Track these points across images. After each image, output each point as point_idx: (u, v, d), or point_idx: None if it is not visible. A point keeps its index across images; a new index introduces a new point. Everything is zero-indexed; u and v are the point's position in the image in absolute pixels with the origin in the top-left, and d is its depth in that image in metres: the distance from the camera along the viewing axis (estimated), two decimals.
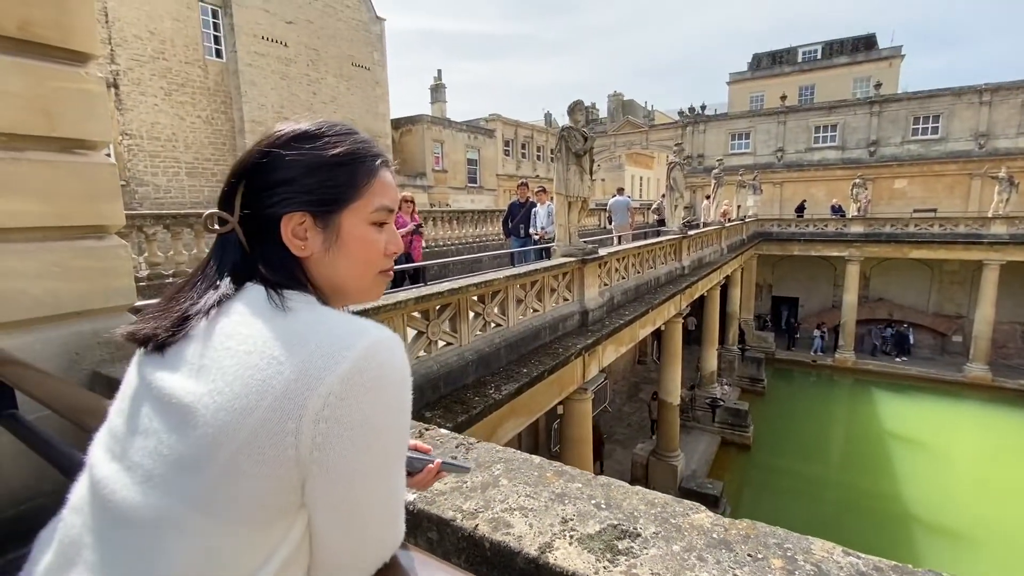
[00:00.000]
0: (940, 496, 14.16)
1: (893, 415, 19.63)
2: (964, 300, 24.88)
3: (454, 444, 1.32)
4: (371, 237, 0.72)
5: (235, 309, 0.66)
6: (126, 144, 15.45)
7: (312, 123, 0.73)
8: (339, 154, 0.70)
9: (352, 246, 0.71)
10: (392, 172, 0.78)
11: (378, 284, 0.76)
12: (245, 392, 0.57)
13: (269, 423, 0.55)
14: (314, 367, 0.56)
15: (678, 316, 12.31)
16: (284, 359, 0.57)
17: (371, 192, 0.72)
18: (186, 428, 0.59)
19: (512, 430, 5.15)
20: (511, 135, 32.56)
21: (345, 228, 0.70)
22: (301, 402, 0.55)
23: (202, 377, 0.61)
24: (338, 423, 0.55)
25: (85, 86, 2.10)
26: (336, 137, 0.72)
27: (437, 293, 4.42)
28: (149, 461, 0.60)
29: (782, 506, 14.53)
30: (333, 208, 0.70)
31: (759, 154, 31.98)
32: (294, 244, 0.69)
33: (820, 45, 41.81)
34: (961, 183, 26.55)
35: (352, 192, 0.70)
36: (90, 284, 2.13)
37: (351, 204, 0.70)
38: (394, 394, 0.59)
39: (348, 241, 0.71)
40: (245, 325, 0.64)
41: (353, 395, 0.56)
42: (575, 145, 6.95)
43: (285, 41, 19.15)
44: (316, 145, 0.71)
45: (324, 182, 0.69)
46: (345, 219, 0.70)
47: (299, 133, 0.71)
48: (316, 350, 0.57)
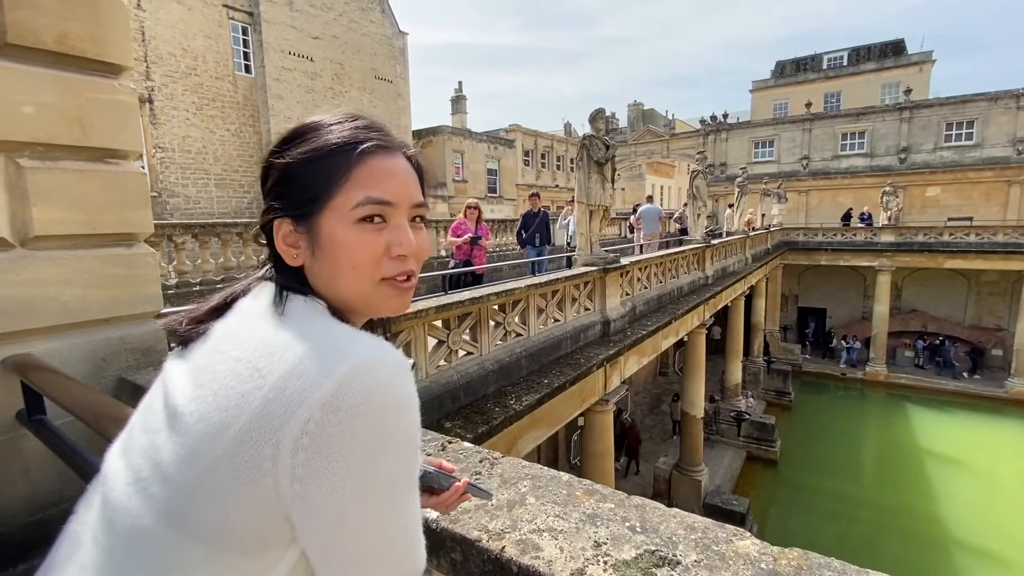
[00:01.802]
0: (983, 518, 13.46)
1: (929, 432, 18.82)
2: (1004, 312, 23.86)
3: (478, 459, 1.27)
4: (355, 238, 0.63)
5: (244, 308, 0.64)
6: (159, 157, 15.98)
7: (302, 122, 0.68)
8: (313, 149, 0.64)
9: (334, 250, 0.63)
10: (397, 156, 0.67)
11: (386, 295, 0.66)
12: (225, 404, 0.53)
13: (245, 444, 0.50)
14: (292, 388, 0.51)
15: (701, 327, 12.06)
16: (266, 373, 0.53)
17: (351, 185, 0.63)
18: (173, 433, 0.56)
19: (532, 442, 5.07)
20: (531, 145, 32.67)
21: (325, 231, 0.63)
22: (278, 426, 0.50)
23: (196, 379, 0.58)
24: (318, 454, 0.49)
25: (118, 97, 2.15)
26: (318, 131, 0.66)
27: (458, 302, 4.39)
28: (140, 460, 0.58)
29: (813, 526, 13.98)
30: (310, 210, 0.63)
31: (783, 162, 31.40)
32: (287, 253, 0.66)
33: (846, 52, 41.01)
34: (999, 190, 25.59)
35: (327, 189, 0.63)
36: (118, 291, 2.16)
37: (328, 203, 0.63)
38: (384, 421, 0.52)
39: (328, 245, 0.63)
40: (244, 327, 0.61)
41: (334, 424, 0.49)
42: (597, 154, 6.89)
43: (311, 56, 19.64)
44: (294, 144, 0.65)
45: (299, 183, 0.64)
46: (324, 221, 0.63)
47: (285, 136, 0.67)
48: (297, 367, 0.52)
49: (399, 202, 0.65)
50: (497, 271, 9.77)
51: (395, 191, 0.65)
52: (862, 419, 21.06)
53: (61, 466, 1.63)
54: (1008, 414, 20.16)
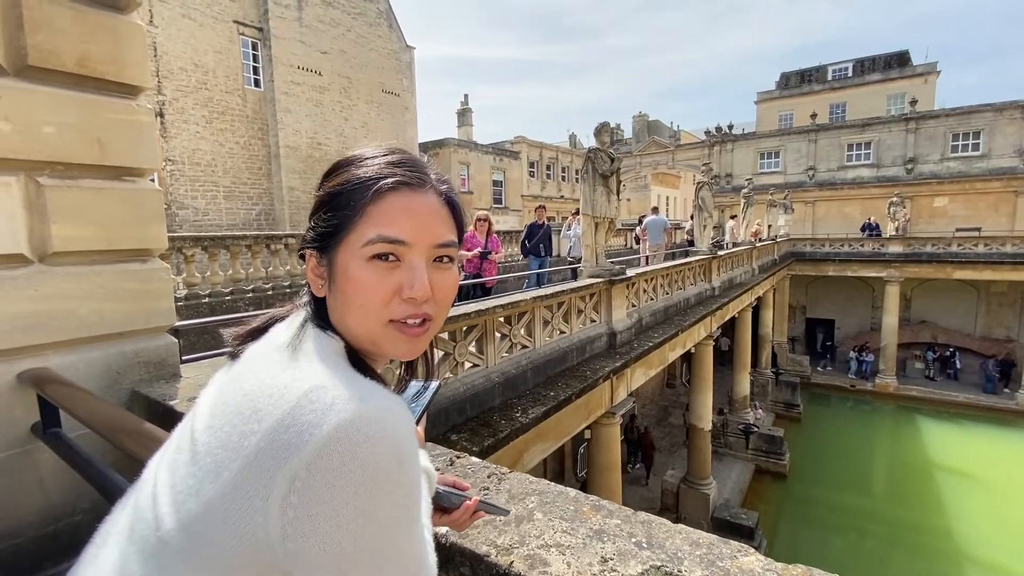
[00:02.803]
0: (994, 532, 13.21)
1: (940, 444, 18.55)
2: (1014, 323, 23.62)
3: (486, 474, 1.28)
4: (366, 277, 0.62)
5: (273, 335, 0.66)
6: (169, 170, 16.22)
7: (344, 155, 0.69)
8: (339, 183, 0.65)
9: (345, 287, 0.63)
10: (423, 194, 0.66)
11: (393, 338, 0.64)
12: (227, 442, 0.53)
13: (239, 491, 0.50)
14: (282, 441, 0.50)
15: (709, 338, 12.01)
16: (263, 416, 0.52)
17: (365, 222, 0.62)
18: (191, 458, 0.56)
19: (539, 455, 5.05)
20: (536, 156, 32.88)
21: (339, 266, 0.63)
22: (267, 479, 0.49)
23: (214, 405, 0.59)
24: (307, 512, 0.48)
25: (136, 117, 2.21)
26: (349, 166, 0.67)
27: (464, 314, 4.42)
28: (165, 475, 0.59)
29: (823, 540, 13.78)
30: (328, 243, 0.65)
31: (789, 173, 31.41)
32: (314, 283, 0.68)
33: (851, 63, 41.14)
34: (1006, 201, 25.45)
35: (344, 223, 0.63)
36: (133, 305, 2.20)
37: (344, 238, 0.63)
38: (375, 477, 0.50)
39: (342, 281, 0.63)
40: (261, 359, 0.61)
41: (320, 484, 0.48)
42: (602, 166, 6.95)
43: (319, 70, 19.95)
44: (330, 177, 0.68)
45: (325, 216, 0.65)
46: (339, 255, 0.64)
47: (328, 168, 0.69)
48: (288, 417, 0.51)
49: (414, 242, 0.63)
50: (503, 282, 9.81)
51: (411, 230, 0.63)
52: (872, 432, 20.79)
53: (75, 478, 1.66)
54: (1020, 426, 19.85)
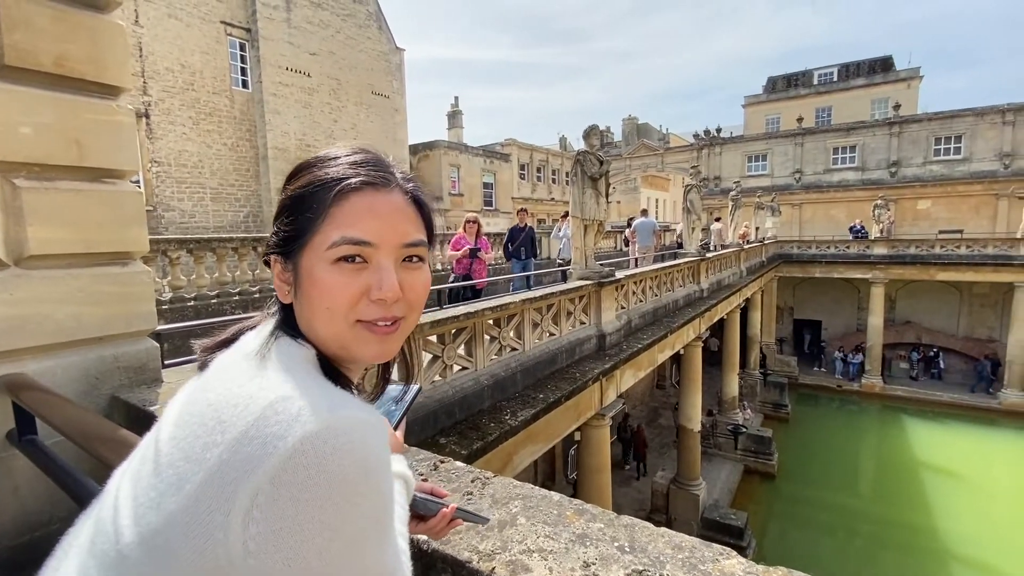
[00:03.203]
0: (980, 530, 13.42)
1: (925, 443, 18.83)
2: (996, 323, 24.06)
3: (469, 478, 1.27)
4: (331, 279, 0.60)
5: (242, 344, 0.64)
6: (155, 171, 16.01)
7: (307, 158, 0.67)
8: (301, 185, 0.64)
9: (311, 291, 0.62)
10: (387, 193, 0.64)
11: (362, 339, 0.63)
12: (190, 454, 0.51)
13: (200, 505, 0.48)
14: (245, 453, 0.48)
15: (697, 340, 12.09)
16: (227, 427, 0.50)
17: (328, 224, 0.61)
18: (154, 470, 0.54)
19: (528, 457, 5.05)
20: (526, 159, 32.94)
21: (303, 269, 0.62)
22: (229, 493, 0.47)
23: (180, 415, 0.56)
24: (270, 528, 0.46)
25: (116, 118, 2.17)
26: (312, 167, 0.65)
27: (452, 317, 4.41)
28: (128, 486, 0.56)
29: (811, 540, 13.91)
30: (292, 247, 0.63)
31: (776, 176, 31.79)
32: (281, 289, 0.66)
33: (836, 68, 41.79)
34: (987, 203, 25.96)
35: (307, 226, 0.62)
36: (112, 309, 2.16)
37: (307, 241, 0.62)
38: (342, 490, 0.48)
39: (307, 285, 0.62)
40: (227, 368, 0.59)
41: (284, 498, 0.46)
42: (591, 169, 6.97)
43: (308, 72, 19.82)
44: (292, 180, 0.66)
45: (287, 220, 0.64)
46: (304, 259, 0.62)
47: (291, 172, 0.67)
48: (253, 429, 0.49)
49: (380, 242, 0.62)
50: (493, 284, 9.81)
51: (376, 230, 0.62)
52: (859, 431, 21.05)
53: (52, 487, 1.62)
54: (1002, 425, 20.22)
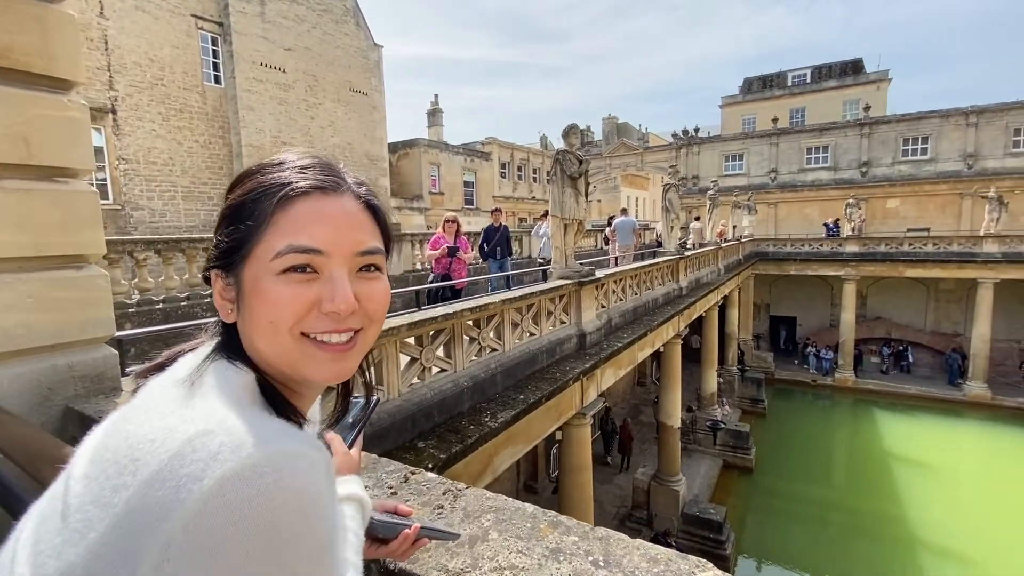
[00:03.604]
0: (947, 518, 13.89)
1: (895, 435, 19.41)
2: (961, 318, 24.92)
3: (441, 491, 1.23)
4: (274, 291, 0.55)
5: (175, 369, 0.58)
6: (122, 169, 15.49)
7: (251, 165, 0.63)
8: (243, 192, 0.59)
9: (253, 304, 0.56)
10: (338, 198, 0.59)
11: (310, 356, 0.57)
12: (97, 497, 0.45)
13: (101, 559, 0.42)
14: (155, 499, 0.42)
15: (677, 337, 12.22)
16: (138, 467, 0.44)
17: (272, 232, 0.56)
18: (63, 513, 0.47)
19: (509, 459, 5.01)
20: (507, 158, 32.89)
21: (246, 283, 0.57)
22: (137, 546, 0.41)
23: (96, 450, 0.50)
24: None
25: (68, 113, 2.06)
26: (256, 173, 0.60)
27: (431, 318, 4.34)
28: (31, 529, 0.50)
29: (787, 531, 14.21)
30: (233, 259, 0.58)
31: (753, 175, 32.36)
32: (222, 308, 0.60)
33: (809, 69, 42.76)
34: (952, 202, 26.87)
35: (249, 236, 0.57)
36: (66, 316, 2.05)
37: (249, 251, 0.57)
38: (269, 539, 0.42)
39: (248, 299, 0.57)
40: (152, 397, 0.53)
41: (201, 548, 0.40)
42: (570, 168, 6.96)
43: (283, 67, 19.41)
44: (235, 187, 0.61)
45: (228, 230, 0.58)
46: (247, 271, 0.57)
47: (233, 180, 0.62)
48: (166, 470, 0.43)
49: (331, 250, 0.57)
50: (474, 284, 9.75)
51: (326, 238, 0.57)
52: (832, 425, 21.61)
53: None
54: (967, 416, 20.97)
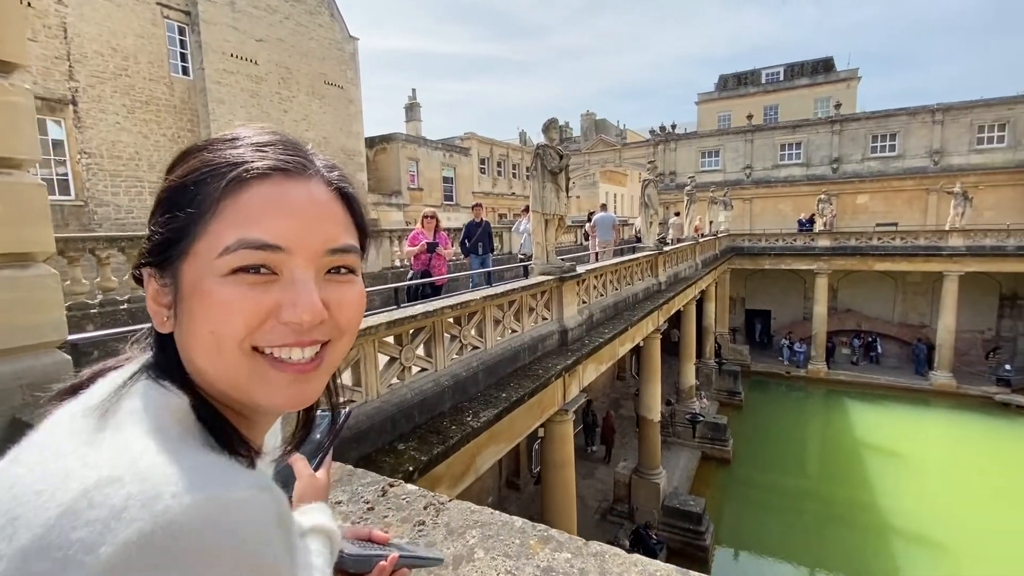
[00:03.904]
0: (916, 505, 14.36)
1: (866, 424, 20.00)
2: (927, 310, 25.77)
3: (422, 504, 1.14)
4: (219, 294, 0.45)
5: (90, 393, 0.46)
6: (85, 163, 14.84)
7: (196, 142, 0.52)
8: (182, 173, 0.48)
9: (192, 309, 0.46)
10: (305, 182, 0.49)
11: (263, 377, 0.47)
12: None
13: None
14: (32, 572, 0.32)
15: (656, 332, 12.31)
16: (18, 529, 0.33)
17: (220, 221, 0.45)
18: None
19: (492, 458, 4.94)
20: (486, 153, 32.69)
21: (185, 283, 0.46)
22: None
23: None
24: None
25: (8, 98, 1.89)
26: (203, 150, 0.50)
27: (410, 316, 4.23)
28: None
29: (763, 520, 14.51)
30: (169, 255, 0.47)
31: (728, 171, 32.86)
32: (157, 315, 0.49)
33: (782, 67, 43.60)
34: (919, 198, 27.74)
35: (190, 227, 0.46)
36: (11, 319, 1.89)
37: (189, 246, 0.46)
38: None
39: (187, 303, 0.46)
40: (61, 427, 0.42)
41: None
42: (550, 163, 6.90)
43: (255, 59, 18.86)
44: (175, 166, 0.50)
45: (164, 217, 0.47)
46: (186, 270, 0.46)
47: (174, 158, 0.51)
48: (53, 532, 0.33)
49: (294, 247, 0.47)
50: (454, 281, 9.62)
51: (288, 231, 0.46)
52: (806, 415, 22.16)
53: None
54: (933, 404, 21.74)
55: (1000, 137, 25.81)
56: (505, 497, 13.41)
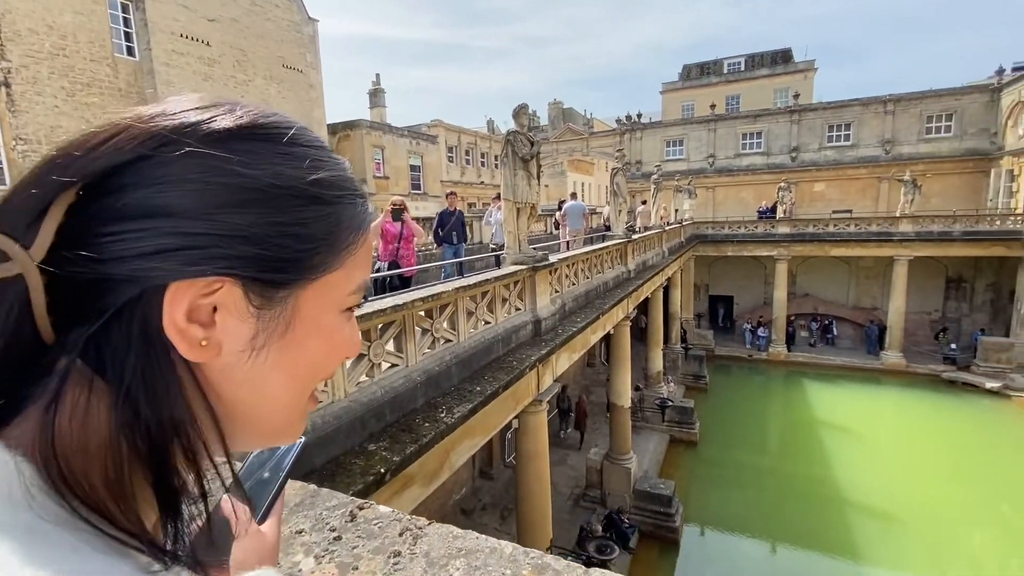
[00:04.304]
0: (868, 478, 15.14)
1: (823, 403, 20.93)
2: (879, 293, 27.05)
3: (397, 531, 1.02)
4: (344, 332, 0.43)
5: None
6: (20, 150, 13.78)
7: (257, 112, 0.39)
8: (320, 181, 0.39)
9: (309, 346, 0.40)
10: None
11: (304, 411, 0.44)
12: None
13: None
14: None
15: (626, 319, 12.44)
16: None
17: (355, 258, 0.42)
18: None
19: (466, 453, 4.85)
20: (454, 141, 32.19)
21: (305, 314, 0.39)
22: None
23: None
24: None
25: None
26: (310, 149, 0.40)
27: (379, 311, 4.05)
28: None
29: (728, 498, 15.04)
30: (288, 276, 0.38)
31: (692, 160, 33.45)
32: (187, 337, 0.34)
33: (743, 58, 44.51)
34: (871, 186, 28.95)
35: (329, 253, 0.39)
36: None
37: (324, 274, 0.39)
38: None
39: (306, 337, 0.40)
40: None
41: None
42: (521, 150, 6.77)
43: (207, 40, 17.86)
44: (274, 154, 0.37)
45: (283, 226, 0.37)
46: (307, 298, 0.39)
47: (239, 126, 0.37)
48: None
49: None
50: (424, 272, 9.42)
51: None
52: (767, 396, 23.03)
53: None
54: (884, 383, 22.94)
55: (947, 127, 27.13)
56: (479, 487, 13.39)
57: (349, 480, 3.15)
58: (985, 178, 26.26)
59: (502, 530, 11.80)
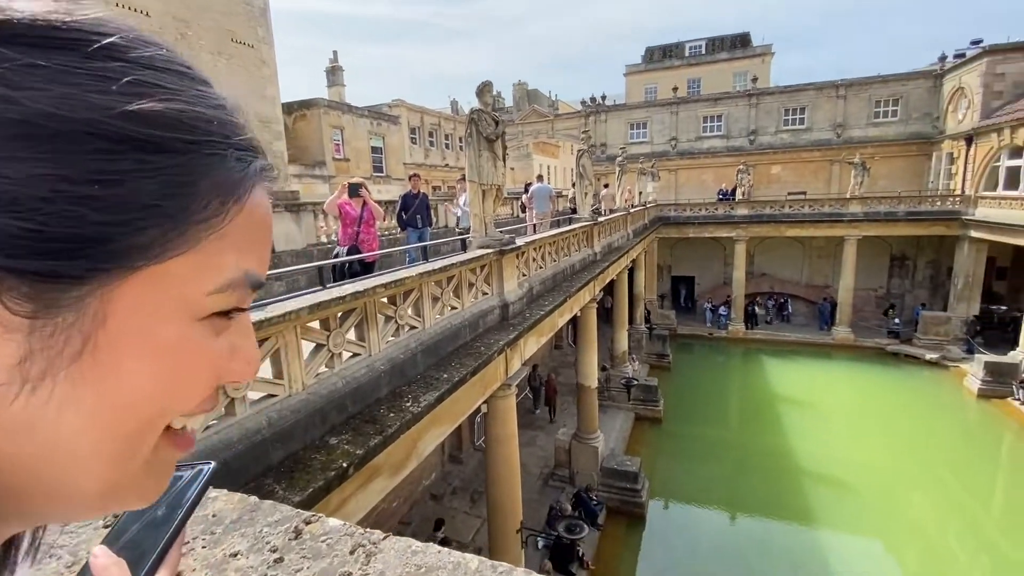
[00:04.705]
0: (821, 449, 15.95)
1: (779, 377, 21.87)
2: (830, 271, 28.26)
3: (347, 548, 0.91)
4: (197, 349, 0.29)
5: None
6: None
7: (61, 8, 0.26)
8: (147, 114, 0.25)
9: (131, 372, 0.26)
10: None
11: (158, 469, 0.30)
12: None
13: None
14: None
15: (592, 302, 12.51)
16: None
17: (224, 238, 0.28)
18: None
19: (434, 441, 4.74)
20: (417, 122, 31.36)
21: (121, 324, 0.26)
22: None
23: None
24: None
25: None
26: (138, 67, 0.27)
27: (338, 298, 3.85)
28: None
29: (690, 470, 15.61)
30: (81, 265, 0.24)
31: (655, 143, 33.79)
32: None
33: (704, 41, 45.00)
34: (824, 168, 30.02)
35: (166, 228, 0.26)
36: None
37: (155, 261, 0.26)
38: None
39: (122, 358, 0.26)
40: None
41: None
42: (486, 129, 6.57)
43: (146, 10, 16.60)
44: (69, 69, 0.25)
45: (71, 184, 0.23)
46: (123, 300, 0.26)
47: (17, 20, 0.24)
48: None
49: (263, 282, 0.33)
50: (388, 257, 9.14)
51: (267, 258, 0.33)
52: (727, 372, 23.87)
53: None
54: (835, 357, 24.13)
55: (894, 112, 28.31)
56: (449, 472, 13.37)
57: (308, 477, 3.00)
58: (928, 161, 27.65)
59: (472, 513, 11.84)
